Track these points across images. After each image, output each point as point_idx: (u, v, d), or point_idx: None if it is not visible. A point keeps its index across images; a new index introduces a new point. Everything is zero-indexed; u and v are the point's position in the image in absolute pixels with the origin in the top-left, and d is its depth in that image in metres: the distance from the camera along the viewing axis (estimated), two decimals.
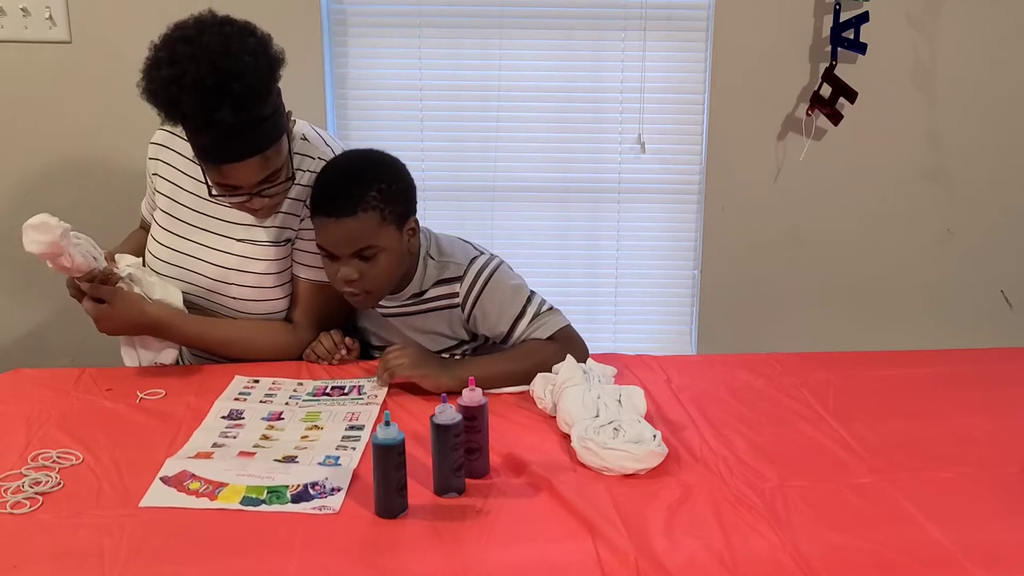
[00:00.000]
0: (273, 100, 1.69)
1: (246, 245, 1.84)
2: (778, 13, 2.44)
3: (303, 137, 1.87)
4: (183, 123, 1.67)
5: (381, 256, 1.71)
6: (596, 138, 2.57)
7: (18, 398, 1.69)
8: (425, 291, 1.82)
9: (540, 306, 1.80)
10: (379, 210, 1.69)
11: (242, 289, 1.85)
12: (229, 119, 1.60)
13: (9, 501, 1.34)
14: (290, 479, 1.39)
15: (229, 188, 1.73)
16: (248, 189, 1.72)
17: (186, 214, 1.87)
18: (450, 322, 1.84)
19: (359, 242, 1.69)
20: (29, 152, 2.46)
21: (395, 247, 1.73)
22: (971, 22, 2.45)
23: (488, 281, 1.80)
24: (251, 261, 1.84)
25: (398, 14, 2.48)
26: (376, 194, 1.69)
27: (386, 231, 1.71)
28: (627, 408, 1.54)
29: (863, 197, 2.57)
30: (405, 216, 1.75)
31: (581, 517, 1.30)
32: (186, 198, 1.87)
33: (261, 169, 1.70)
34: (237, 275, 1.84)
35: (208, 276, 1.85)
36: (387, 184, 1.71)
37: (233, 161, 1.67)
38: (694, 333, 2.68)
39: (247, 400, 1.68)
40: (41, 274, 2.52)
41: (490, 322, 1.80)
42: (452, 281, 1.81)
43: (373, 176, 1.72)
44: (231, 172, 1.69)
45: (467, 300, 1.80)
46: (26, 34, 2.38)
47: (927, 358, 1.95)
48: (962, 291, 2.64)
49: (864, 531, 1.28)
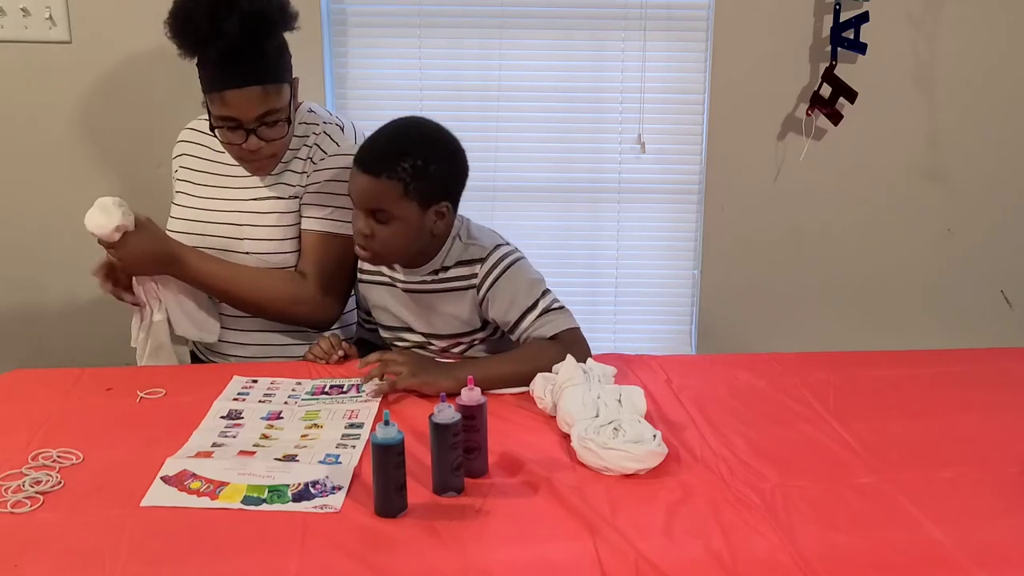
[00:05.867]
0: (279, 40, 1.84)
1: (257, 202, 1.94)
2: (778, 13, 2.44)
3: (310, 110, 2.00)
4: (195, 40, 1.78)
5: (394, 224, 1.73)
6: (596, 138, 2.57)
7: (18, 398, 1.69)
8: (447, 268, 1.83)
9: (552, 303, 1.81)
10: (403, 183, 1.71)
11: (255, 243, 1.92)
12: (235, 31, 1.73)
13: (10, 500, 1.34)
14: (291, 478, 1.39)
15: (229, 122, 1.82)
16: (247, 123, 1.82)
17: (202, 178, 1.99)
18: (467, 305, 1.85)
19: (373, 203, 1.73)
20: (29, 152, 2.46)
21: (412, 222, 1.74)
22: (971, 22, 2.45)
23: (508, 268, 1.82)
24: (262, 215, 1.93)
25: (398, 14, 2.48)
26: (408, 167, 1.71)
27: (405, 204, 1.72)
28: (627, 408, 1.54)
29: (863, 197, 2.57)
30: (434, 197, 1.75)
31: (581, 517, 1.30)
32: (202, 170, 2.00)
33: (261, 102, 1.80)
34: (250, 229, 1.93)
35: (222, 234, 1.93)
36: (424, 162, 1.72)
37: (235, 86, 1.78)
38: (694, 333, 2.68)
39: (246, 400, 1.69)
40: (41, 274, 2.54)
41: (501, 308, 1.81)
42: (474, 263, 1.83)
43: (414, 150, 1.73)
44: (233, 100, 1.79)
45: (484, 282, 1.81)
46: (26, 34, 2.38)
47: (927, 358, 1.95)
48: (962, 291, 2.64)
49: (864, 531, 1.28)
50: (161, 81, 2.40)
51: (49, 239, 2.51)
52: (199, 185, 1.99)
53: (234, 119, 1.82)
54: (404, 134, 1.78)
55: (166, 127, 2.33)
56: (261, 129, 1.83)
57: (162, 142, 2.29)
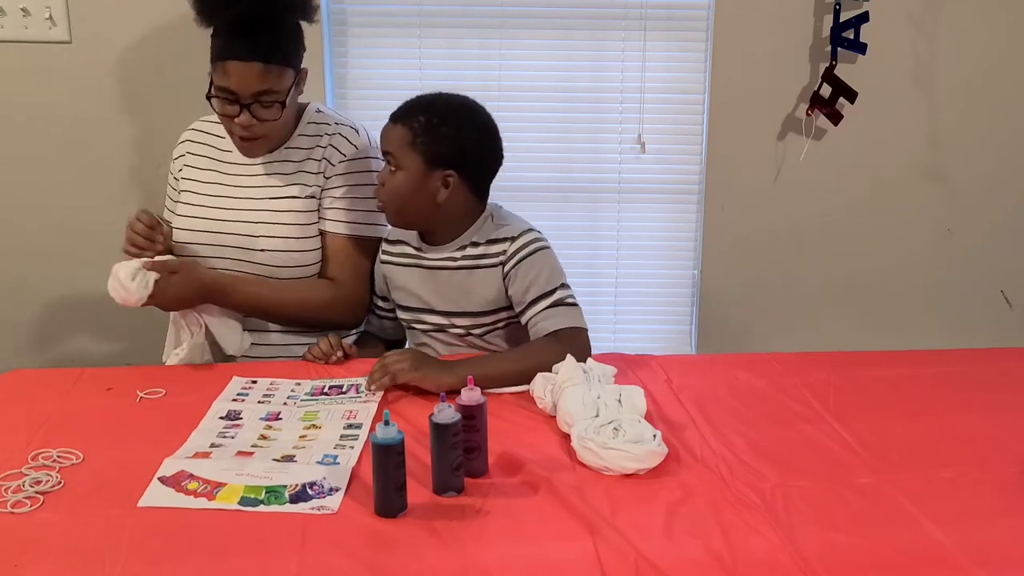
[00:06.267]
0: (294, 24, 1.90)
1: (273, 200, 1.96)
2: (778, 13, 2.44)
3: (318, 110, 2.04)
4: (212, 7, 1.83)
5: (400, 175, 1.82)
6: (596, 138, 2.57)
7: (18, 398, 1.69)
8: (477, 245, 1.88)
9: (566, 297, 1.83)
10: (413, 132, 1.81)
11: (271, 240, 1.94)
12: (252, 4, 1.79)
13: (9, 500, 1.34)
14: (288, 479, 1.39)
15: (227, 94, 1.85)
16: (243, 98, 1.84)
17: (211, 177, 2.00)
18: (494, 283, 1.88)
19: (387, 145, 1.84)
20: (29, 152, 2.46)
21: (415, 177, 1.82)
22: (971, 22, 2.45)
23: (536, 252, 1.87)
24: (278, 214, 1.95)
25: (398, 14, 2.48)
26: (422, 120, 1.81)
27: (410, 154, 1.81)
28: (627, 408, 1.54)
29: (863, 197, 2.57)
30: (439, 160, 1.82)
31: (580, 517, 1.30)
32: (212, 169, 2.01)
33: (260, 79, 1.83)
34: (266, 227, 1.94)
35: (238, 231, 1.94)
36: (438, 120, 1.81)
37: (239, 58, 1.81)
38: (694, 333, 2.68)
39: (245, 400, 1.69)
40: (41, 274, 2.54)
41: (520, 286, 1.84)
42: (504, 241, 1.88)
43: (436, 110, 1.83)
44: (233, 71, 1.82)
45: (511, 259, 1.86)
46: (26, 34, 2.38)
47: (927, 358, 1.95)
48: (962, 291, 2.64)
49: (864, 531, 1.28)
50: (161, 81, 2.40)
51: (49, 239, 2.51)
52: (209, 184, 2.00)
53: (231, 91, 1.84)
54: (435, 97, 1.87)
55: (166, 127, 2.34)
56: (255, 107, 1.86)
57: (162, 142, 2.29)
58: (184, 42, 2.38)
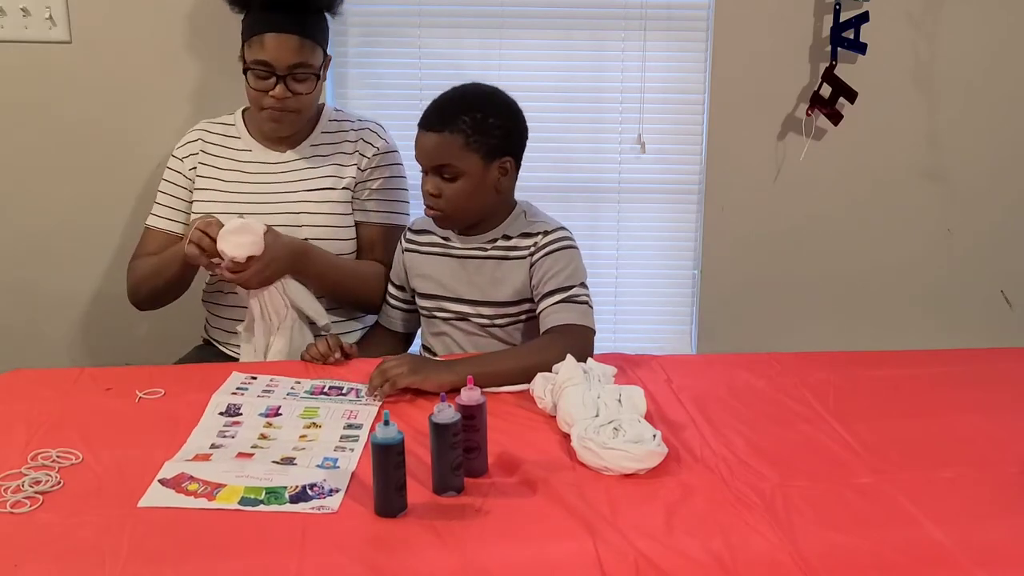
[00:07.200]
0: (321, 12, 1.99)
1: (311, 192, 2.03)
2: (778, 13, 2.44)
3: (336, 108, 2.16)
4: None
5: (460, 180, 1.83)
6: (596, 138, 2.57)
7: (18, 398, 1.69)
8: (509, 237, 1.92)
9: (580, 295, 1.85)
10: (465, 134, 1.81)
11: (314, 230, 2.01)
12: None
13: (9, 500, 1.34)
14: (288, 480, 1.39)
15: (263, 67, 1.93)
16: (279, 69, 1.92)
17: (235, 184, 2.05)
18: (522, 273, 1.90)
19: (439, 159, 1.83)
20: (29, 152, 2.46)
21: (476, 176, 1.84)
22: (971, 22, 2.45)
23: (564, 248, 1.90)
24: (318, 204, 2.03)
25: (398, 14, 2.48)
26: (468, 119, 1.82)
27: (468, 157, 1.82)
28: (627, 408, 1.54)
29: (863, 197, 2.57)
30: (495, 151, 1.85)
31: (580, 516, 1.30)
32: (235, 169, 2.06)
33: (296, 52, 1.92)
34: (308, 216, 2.02)
35: (279, 224, 1.95)
36: (483, 115, 1.83)
37: (277, 30, 1.91)
38: (694, 333, 2.68)
39: (244, 395, 1.68)
40: (40, 273, 2.54)
41: (540, 276, 1.87)
42: (536, 234, 1.91)
43: (474, 105, 1.84)
44: (271, 44, 1.91)
45: (540, 249, 1.89)
46: (26, 34, 2.37)
47: (927, 358, 1.95)
48: (962, 291, 2.64)
49: (864, 531, 1.28)
50: (161, 81, 2.40)
51: (49, 239, 2.50)
52: (232, 182, 2.04)
53: (268, 64, 1.92)
54: (464, 93, 1.89)
55: (166, 127, 2.34)
56: (289, 80, 1.93)
57: (162, 142, 2.29)
58: (184, 42, 2.38)
